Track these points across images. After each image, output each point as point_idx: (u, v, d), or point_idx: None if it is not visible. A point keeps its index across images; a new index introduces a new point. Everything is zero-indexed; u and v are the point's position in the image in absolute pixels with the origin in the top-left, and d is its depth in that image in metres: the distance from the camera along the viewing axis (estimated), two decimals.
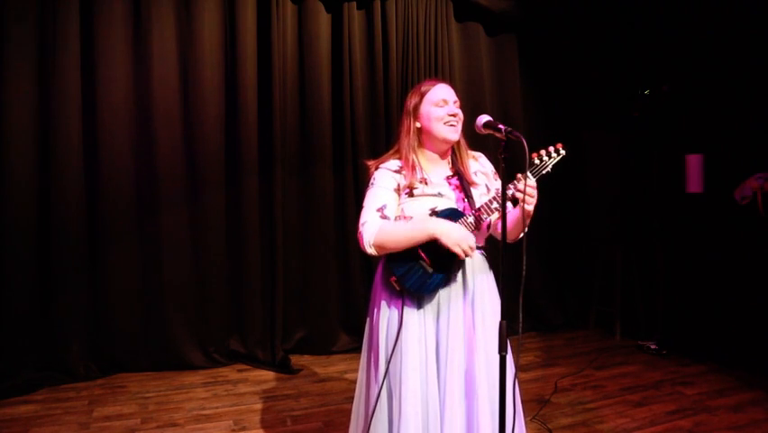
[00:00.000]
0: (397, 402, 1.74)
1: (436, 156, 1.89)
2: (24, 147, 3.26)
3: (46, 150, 3.32)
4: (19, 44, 3.22)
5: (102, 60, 3.42)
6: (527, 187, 1.66)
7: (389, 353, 1.78)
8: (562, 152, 1.76)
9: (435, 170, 1.88)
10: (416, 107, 1.86)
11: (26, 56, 3.25)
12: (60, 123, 3.32)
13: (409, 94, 1.92)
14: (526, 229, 1.68)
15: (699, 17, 4.07)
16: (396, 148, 1.91)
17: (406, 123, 1.88)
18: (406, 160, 1.84)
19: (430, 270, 1.75)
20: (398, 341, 1.76)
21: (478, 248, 1.86)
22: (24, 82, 3.25)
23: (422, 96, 1.86)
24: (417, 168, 1.84)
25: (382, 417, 1.79)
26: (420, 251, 1.76)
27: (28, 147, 3.28)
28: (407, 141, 1.86)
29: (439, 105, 1.83)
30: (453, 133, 1.84)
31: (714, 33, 4.01)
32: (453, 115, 1.83)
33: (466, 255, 1.70)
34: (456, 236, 1.69)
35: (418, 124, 1.87)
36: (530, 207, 1.69)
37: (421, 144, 1.89)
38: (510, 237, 1.84)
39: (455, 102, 1.86)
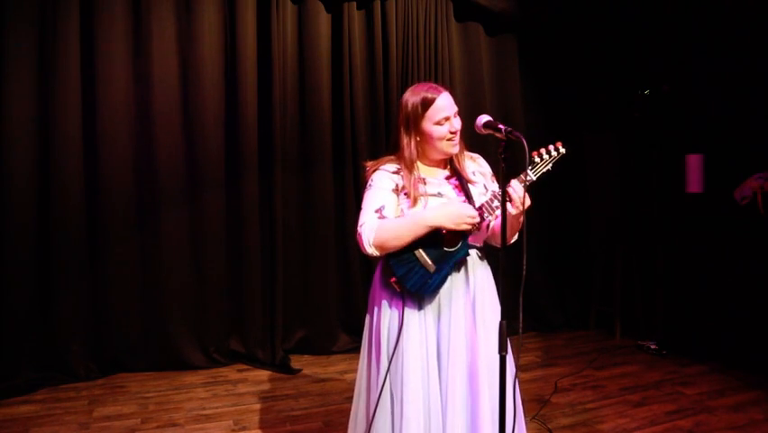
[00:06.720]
0: (398, 404, 1.74)
1: (435, 162, 1.91)
2: (24, 147, 3.26)
3: (46, 149, 3.32)
4: (19, 44, 3.22)
5: (102, 60, 3.41)
6: (513, 192, 1.68)
7: (391, 354, 1.78)
8: (562, 150, 1.77)
9: (434, 171, 1.90)
10: (417, 123, 1.82)
11: (26, 56, 3.24)
12: (60, 122, 3.31)
13: (407, 97, 1.84)
14: (516, 236, 1.66)
15: (700, 17, 4.07)
16: (395, 154, 1.89)
17: (405, 137, 1.84)
18: (407, 169, 1.83)
19: (431, 269, 1.75)
20: (399, 342, 1.76)
21: (475, 247, 1.87)
22: (24, 82, 3.24)
23: (423, 111, 1.80)
24: (416, 170, 1.85)
25: (384, 418, 1.79)
26: (421, 251, 1.76)
27: (28, 147, 3.27)
28: (408, 152, 1.84)
29: (441, 124, 1.81)
30: (454, 148, 1.85)
31: (714, 33, 4.01)
32: (455, 133, 1.82)
33: (473, 225, 1.73)
34: (454, 216, 1.71)
35: (418, 138, 1.85)
36: (513, 211, 1.70)
37: (420, 153, 1.88)
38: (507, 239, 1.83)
39: (455, 113, 1.84)
